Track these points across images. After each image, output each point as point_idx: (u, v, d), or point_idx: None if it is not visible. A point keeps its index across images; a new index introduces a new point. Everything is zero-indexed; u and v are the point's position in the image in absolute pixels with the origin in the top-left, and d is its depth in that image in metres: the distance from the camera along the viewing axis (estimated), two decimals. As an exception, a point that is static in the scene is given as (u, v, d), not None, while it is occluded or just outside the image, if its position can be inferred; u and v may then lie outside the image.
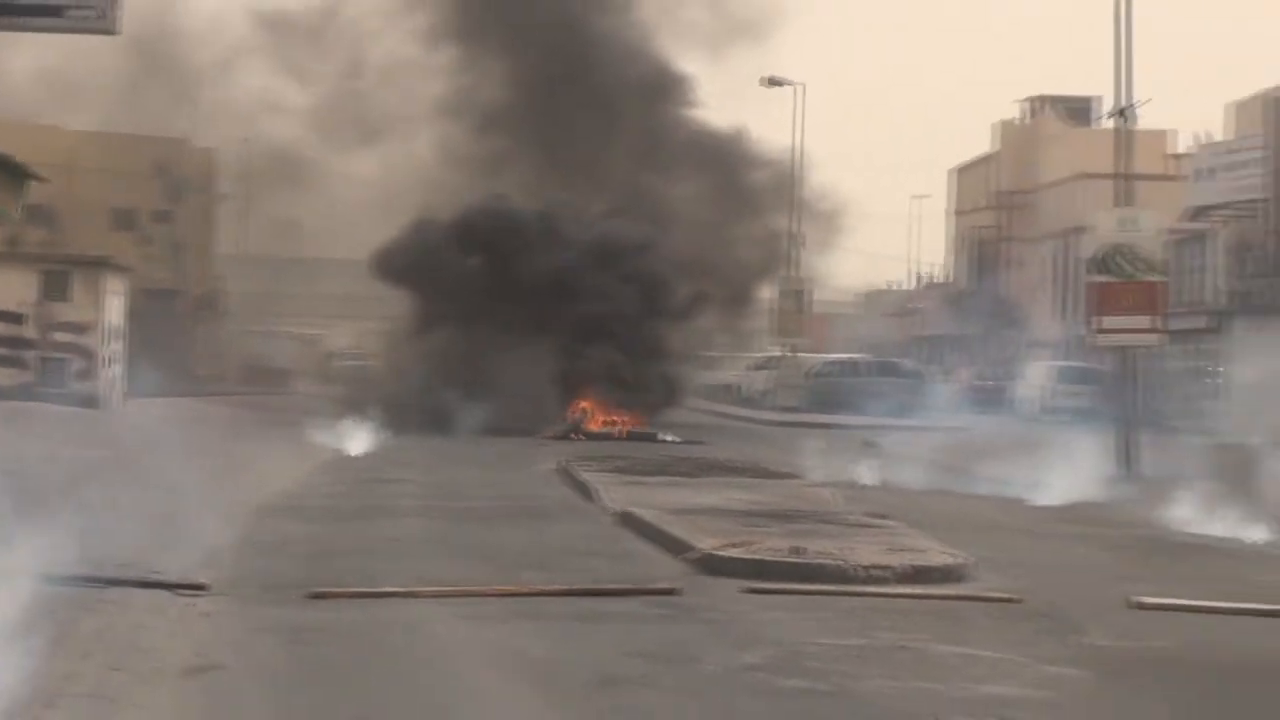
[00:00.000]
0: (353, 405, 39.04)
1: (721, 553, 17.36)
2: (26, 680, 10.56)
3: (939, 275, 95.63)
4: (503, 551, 18.73)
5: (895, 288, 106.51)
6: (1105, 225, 33.92)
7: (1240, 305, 57.69)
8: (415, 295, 50.38)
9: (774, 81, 62.20)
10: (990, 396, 71.33)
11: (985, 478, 32.65)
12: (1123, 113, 33.39)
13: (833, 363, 65.26)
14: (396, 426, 38.56)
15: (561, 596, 15.34)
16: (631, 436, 42.31)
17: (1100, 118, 77.02)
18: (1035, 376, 66.51)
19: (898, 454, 40.51)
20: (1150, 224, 34.11)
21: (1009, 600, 15.60)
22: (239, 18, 62.73)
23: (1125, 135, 34.03)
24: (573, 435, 41.88)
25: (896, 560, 17.06)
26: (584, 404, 44.42)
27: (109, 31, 21.66)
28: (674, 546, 18.56)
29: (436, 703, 10.97)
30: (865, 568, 16.60)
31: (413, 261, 48.62)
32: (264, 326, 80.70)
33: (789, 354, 65.22)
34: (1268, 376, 55.63)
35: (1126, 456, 32.54)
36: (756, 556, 17.16)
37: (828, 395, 60.89)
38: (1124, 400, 34.55)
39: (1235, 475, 35.13)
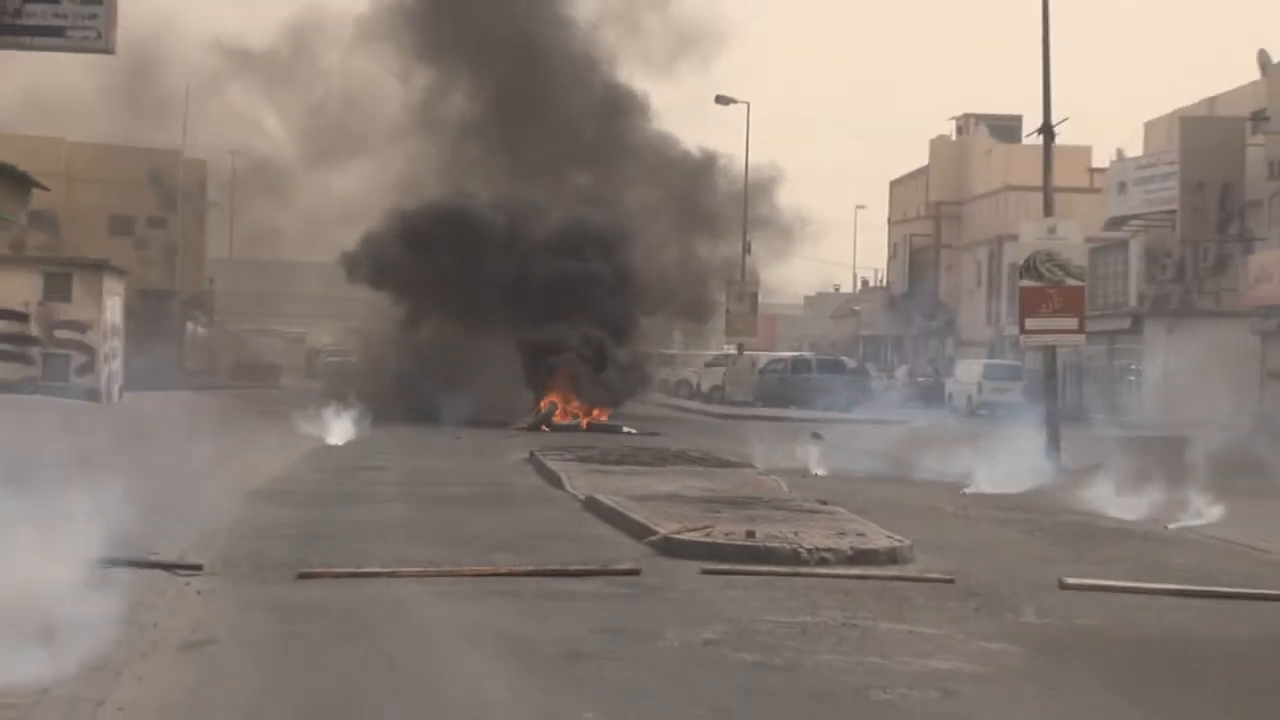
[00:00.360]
0: (335, 398, 38.82)
1: (680, 536, 17.39)
2: (35, 656, 10.58)
3: (878, 280, 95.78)
4: (477, 535, 18.74)
5: (838, 291, 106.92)
6: (1032, 234, 33.99)
7: (1153, 307, 58.07)
8: (389, 293, 50.21)
9: (723, 100, 62.19)
10: (925, 392, 71.52)
11: (922, 468, 32.75)
12: (1047, 130, 33.43)
13: (780, 360, 65.34)
14: (376, 418, 38.43)
15: (531, 577, 15.35)
16: (594, 428, 42.29)
17: (1029, 135, 77.50)
18: (966, 374, 66.62)
19: (842, 445, 40.65)
20: (1072, 233, 34.21)
21: (945, 581, 15.67)
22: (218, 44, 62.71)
23: (1049, 152, 34.10)
24: (542, 427, 41.80)
25: (842, 544, 17.10)
26: (551, 398, 44.32)
27: (106, 50, 21.61)
28: (636, 530, 18.59)
29: (416, 675, 10.98)
30: (813, 550, 16.63)
31: (384, 260, 48.45)
32: (251, 325, 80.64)
33: (739, 352, 65.29)
34: (1177, 372, 56.11)
35: (1053, 448, 32.53)
36: (712, 540, 17.19)
37: (776, 391, 61.00)
38: (1050, 395, 34.60)
39: (1152, 464, 35.51)
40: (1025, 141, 78.58)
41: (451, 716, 9.76)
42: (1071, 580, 15.62)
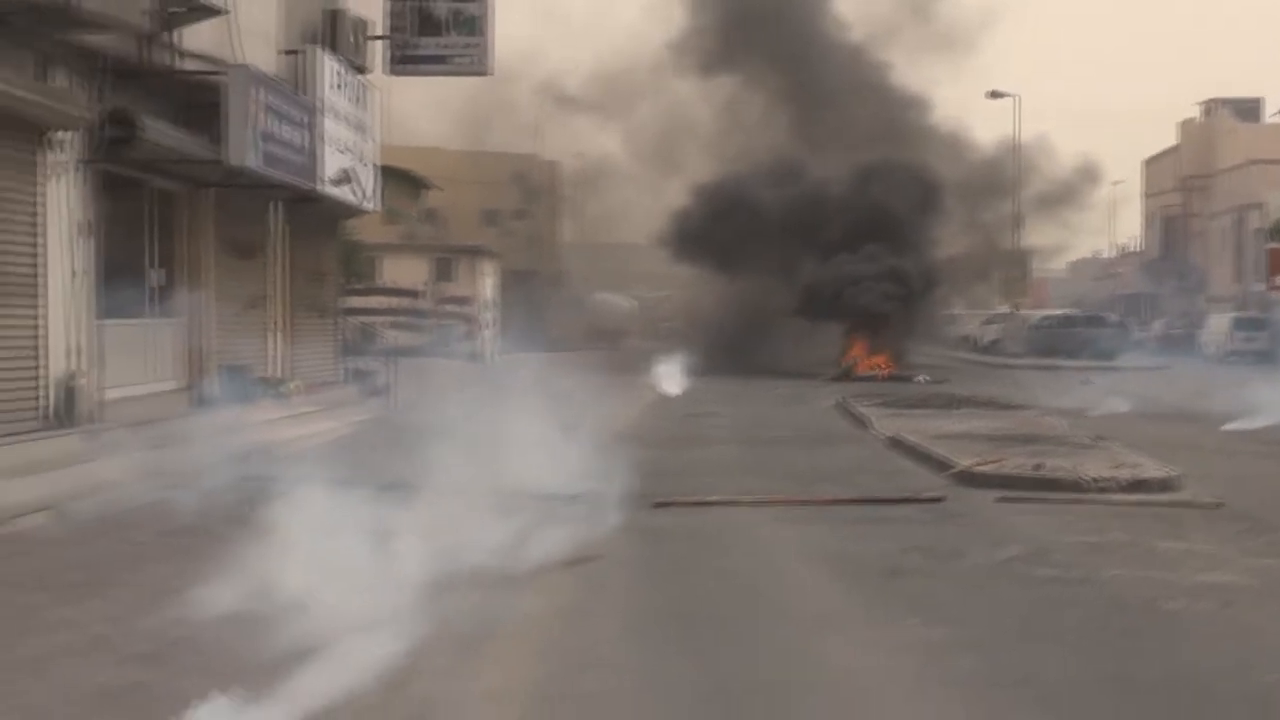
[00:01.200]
0: (670, 355, 38.96)
1: (977, 469, 17.06)
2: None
3: (1134, 246, 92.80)
4: (800, 470, 18.58)
5: (1096, 256, 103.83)
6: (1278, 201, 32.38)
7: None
8: (695, 260, 49.91)
9: (995, 94, 60.67)
10: (1179, 343, 69.11)
11: (1183, 408, 31.61)
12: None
13: (1050, 316, 63.59)
14: (703, 372, 38.56)
15: (849, 504, 15.22)
16: (892, 378, 41.70)
17: (1273, 114, 74.52)
18: (1217, 325, 64.10)
19: (1109, 389, 39.49)
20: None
21: (1215, 506, 15.03)
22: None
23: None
24: (845, 378, 41.41)
25: (1120, 474, 16.56)
26: (854, 351, 43.94)
27: (483, 73, 22.06)
28: (936, 464, 18.29)
29: (762, 587, 10.93)
30: (1094, 480, 16.15)
31: (687, 231, 48.16)
32: (600, 295, 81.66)
33: (1015, 310, 63.81)
34: None
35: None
36: (1005, 472, 16.81)
37: (1046, 344, 59.46)
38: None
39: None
40: (1266, 120, 75.81)
41: (793, 624, 9.65)
42: (1331, 505, 14.91)
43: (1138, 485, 16.10)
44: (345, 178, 19.57)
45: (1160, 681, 8.05)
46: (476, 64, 21.51)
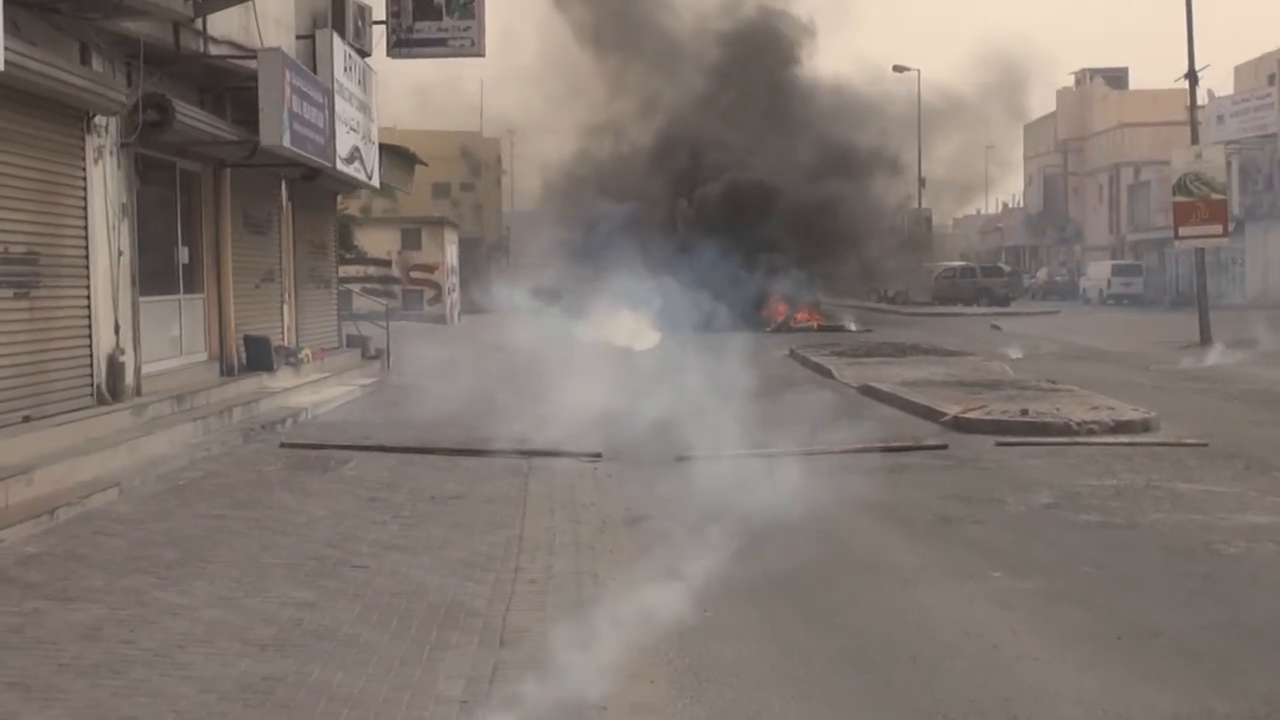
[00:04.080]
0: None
1: (968, 415, 16.41)
2: (520, 534, 10.01)
3: (1015, 203, 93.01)
4: (787, 418, 17.62)
5: (980, 213, 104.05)
6: (1181, 159, 32.06)
7: (1248, 213, 55.70)
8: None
9: (899, 69, 60.03)
10: (1062, 289, 69.37)
11: (1093, 348, 31.27)
12: (1192, 76, 31.40)
13: (952, 268, 63.44)
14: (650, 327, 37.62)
15: (863, 453, 14.47)
16: (824, 328, 41.11)
17: (1176, 80, 74.62)
18: (1097, 272, 64.48)
19: (1018, 333, 39.18)
20: (1215, 157, 32.25)
21: (1201, 444, 14.48)
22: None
23: (1194, 93, 32.10)
24: (784, 329, 40.71)
25: (1101, 416, 16.00)
26: (785, 306, 43.16)
27: (478, 54, 21.02)
28: (920, 411, 17.64)
29: (829, 536, 10.08)
30: (1080, 423, 15.57)
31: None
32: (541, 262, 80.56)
33: (919, 263, 63.42)
34: (1272, 265, 53.63)
35: (1207, 329, 30.75)
36: (994, 417, 16.18)
37: (948, 293, 59.35)
38: (1201, 290, 32.66)
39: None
40: (1133, 88, 75.95)
41: (884, 578, 8.89)
42: (1307, 441, 14.38)
43: (1122, 427, 15.55)
44: (355, 156, 18.51)
45: (1279, 627, 7.37)
46: (472, 46, 20.45)
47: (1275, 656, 6.87)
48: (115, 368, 13.62)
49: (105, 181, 13.25)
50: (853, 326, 41.12)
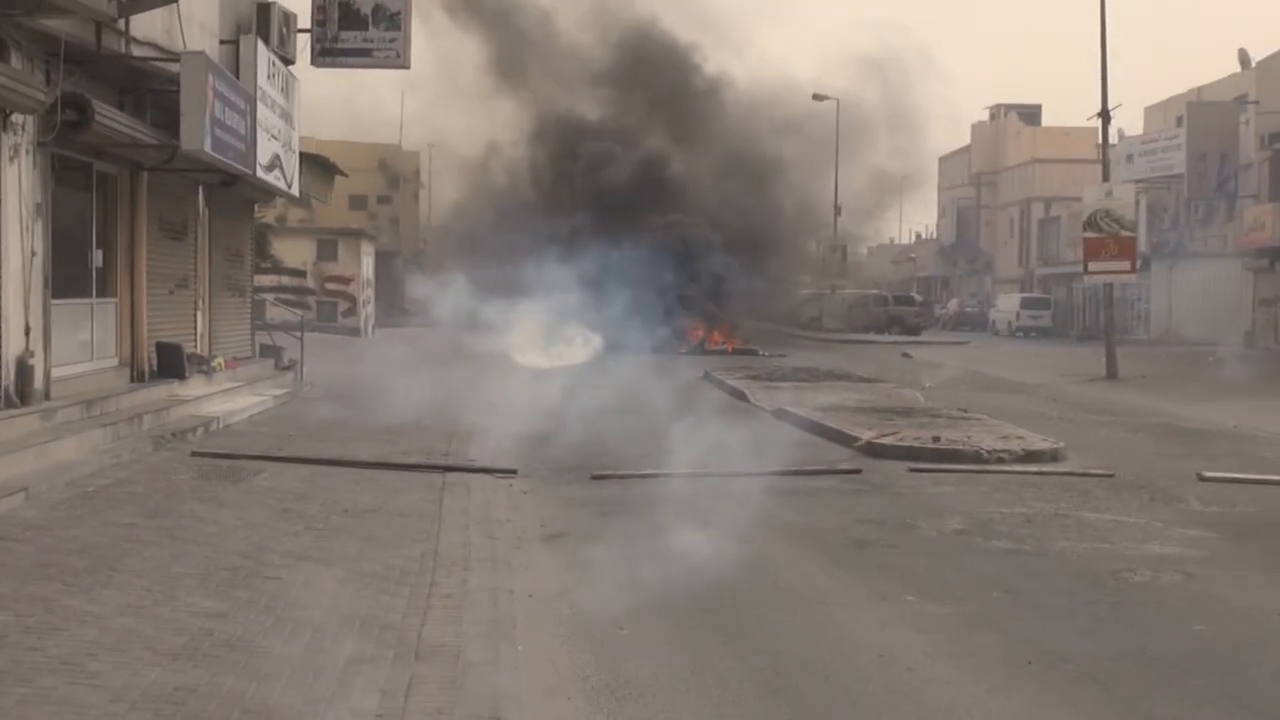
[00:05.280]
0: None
1: (881, 440, 16.56)
2: (435, 549, 9.94)
3: (928, 234, 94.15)
4: (703, 441, 17.59)
5: (893, 243, 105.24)
6: (1092, 195, 32.67)
7: (1154, 251, 56.82)
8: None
9: (819, 97, 60.35)
10: (973, 319, 70.32)
11: (1002, 379, 31.68)
12: (1105, 115, 32.00)
13: (865, 296, 64.01)
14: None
15: (778, 475, 14.50)
16: (737, 352, 41.27)
17: (1089, 118, 75.92)
18: (1006, 304, 65.41)
19: (929, 362, 39.62)
20: (1125, 194, 32.89)
21: (1107, 475, 14.71)
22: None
23: (1106, 131, 32.76)
24: (699, 352, 40.78)
25: (1011, 445, 16.22)
26: (700, 329, 43.30)
27: (403, 67, 20.91)
28: (834, 435, 17.77)
29: (744, 557, 10.07)
30: (991, 451, 15.77)
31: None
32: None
33: (832, 291, 63.96)
34: (1178, 302, 54.67)
35: (1112, 363, 31.32)
36: (907, 444, 16.34)
37: (862, 320, 59.92)
38: (1108, 323, 33.30)
39: (1182, 372, 34.23)
40: (1045, 125, 77.27)
41: (799, 601, 8.94)
42: (1209, 474, 14.64)
43: (1031, 456, 15.77)
44: (275, 164, 18.31)
45: (1184, 656, 7.50)
46: (397, 58, 20.33)
47: (1181, 684, 6.99)
48: (24, 370, 13.35)
49: (20, 181, 13.01)
50: (764, 352, 41.30)
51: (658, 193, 46.89)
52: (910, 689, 6.88)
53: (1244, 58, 53.00)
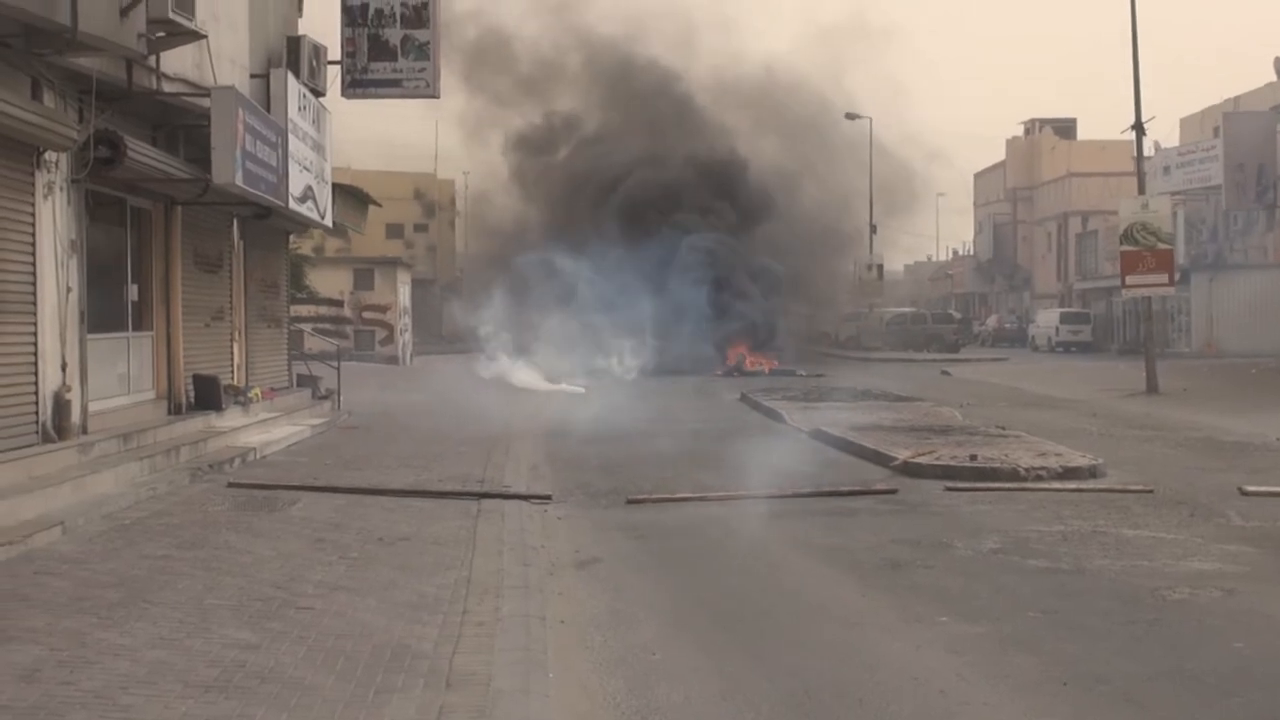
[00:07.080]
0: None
1: (917, 460, 16.44)
2: (468, 576, 9.92)
3: (965, 250, 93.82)
4: (737, 463, 17.68)
5: (930, 260, 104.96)
6: (1129, 209, 32.41)
7: (1193, 262, 56.31)
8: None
9: (851, 115, 60.32)
10: (1012, 336, 69.93)
11: (1041, 395, 31.46)
12: (1139, 127, 31.78)
13: (903, 314, 63.80)
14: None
15: (812, 497, 14.49)
16: (775, 373, 41.20)
17: (1123, 130, 75.46)
18: (1045, 320, 64.98)
19: (968, 379, 39.42)
20: (1162, 207, 32.63)
21: (1147, 491, 14.56)
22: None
23: (1141, 144, 32.46)
24: (736, 373, 40.79)
25: (1049, 462, 16.06)
26: (738, 350, 43.28)
27: (433, 96, 21.00)
28: (870, 455, 17.66)
29: (775, 582, 10.08)
30: (1029, 469, 15.63)
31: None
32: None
33: (870, 309, 63.79)
34: (1219, 313, 54.14)
35: (1153, 378, 31.03)
36: (944, 462, 16.22)
37: (900, 338, 59.68)
38: (1148, 338, 32.97)
39: (1224, 385, 33.91)
40: (1081, 138, 76.91)
41: (833, 622, 8.87)
42: (1250, 488, 14.46)
43: (1069, 473, 15.61)
44: (308, 195, 18.42)
45: (1224, 674, 7.38)
46: (427, 87, 20.44)
47: (1221, 704, 6.88)
48: (61, 405, 13.46)
49: (54, 218, 13.14)
50: (803, 371, 41.22)
51: (702, 208, 47.09)
52: (944, 712, 6.80)
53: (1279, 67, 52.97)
